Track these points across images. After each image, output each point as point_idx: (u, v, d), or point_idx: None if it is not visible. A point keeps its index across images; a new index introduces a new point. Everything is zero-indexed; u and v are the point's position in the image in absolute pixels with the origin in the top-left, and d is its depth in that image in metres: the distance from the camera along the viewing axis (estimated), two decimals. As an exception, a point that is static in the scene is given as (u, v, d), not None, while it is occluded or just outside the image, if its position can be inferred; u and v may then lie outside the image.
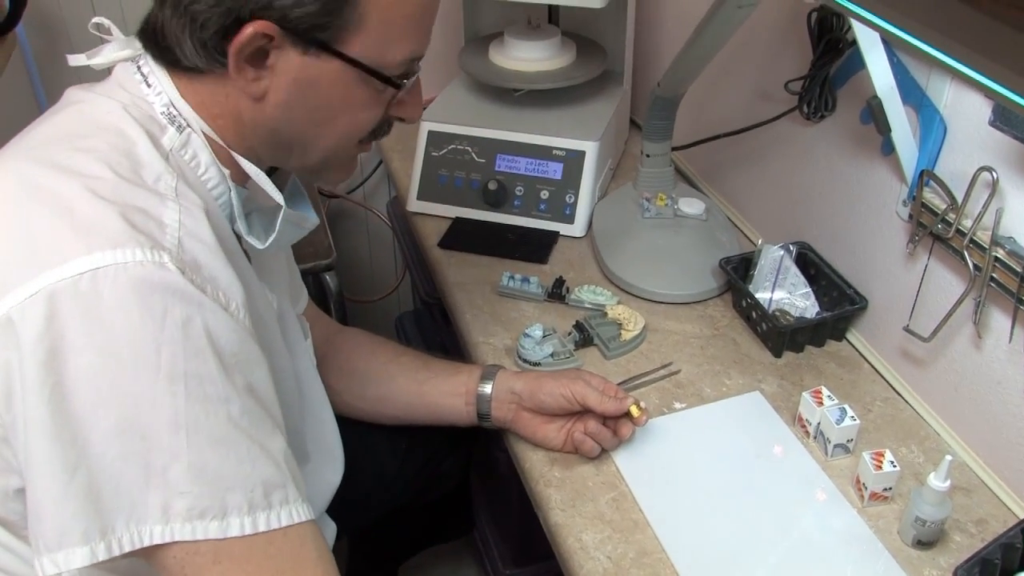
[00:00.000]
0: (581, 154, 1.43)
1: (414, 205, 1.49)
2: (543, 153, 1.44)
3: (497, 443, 1.16)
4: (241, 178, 0.81)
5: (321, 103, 0.77)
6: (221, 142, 0.78)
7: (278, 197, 0.80)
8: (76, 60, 0.80)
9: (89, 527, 0.63)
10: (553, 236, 1.42)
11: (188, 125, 0.76)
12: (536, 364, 1.15)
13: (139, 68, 0.77)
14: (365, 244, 2.05)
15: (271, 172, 0.85)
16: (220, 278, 0.69)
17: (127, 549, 0.64)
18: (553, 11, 1.63)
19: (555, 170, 1.43)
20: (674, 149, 1.42)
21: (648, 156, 1.39)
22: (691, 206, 1.37)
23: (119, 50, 0.78)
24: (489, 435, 1.16)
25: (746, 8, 1.02)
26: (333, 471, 1.03)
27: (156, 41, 0.75)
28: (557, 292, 1.28)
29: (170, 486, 0.64)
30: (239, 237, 0.80)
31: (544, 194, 1.43)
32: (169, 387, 0.63)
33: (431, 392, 1.09)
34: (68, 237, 0.64)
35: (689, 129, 1.50)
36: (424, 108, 1.56)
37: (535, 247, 1.39)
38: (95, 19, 0.79)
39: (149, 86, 0.76)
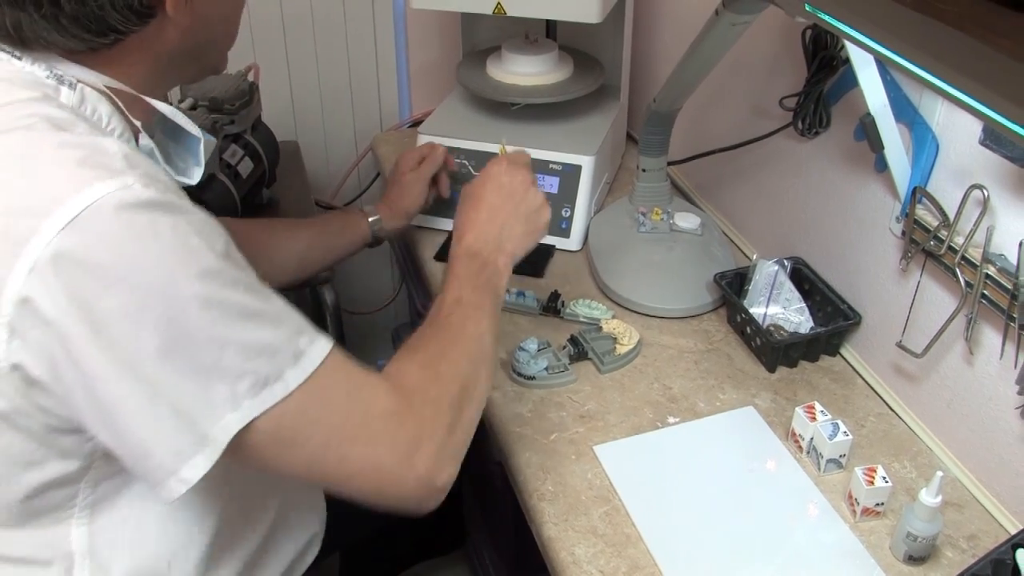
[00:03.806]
0: (577, 168, 1.43)
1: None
2: (539, 167, 1.44)
3: (491, 456, 1.17)
4: (146, 119, 0.80)
5: None
6: (130, 90, 0.77)
7: (196, 131, 0.81)
8: None
9: (194, 438, 0.67)
10: (549, 250, 1.43)
11: (80, 81, 0.74)
12: (531, 378, 1.15)
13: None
14: (362, 256, 2.04)
15: None
16: (168, 183, 0.70)
17: (223, 448, 0.67)
18: (551, 25, 1.64)
19: (551, 184, 1.44)
20: (670, 164, 1.42)
21: (644, 171, 1.40)
22: (687, 221, 1.37)
23: None
24: (482, 449, 1.17)
25: (740, 25, 1.03)
26: None
27: (23, 42, 0.72)
28: (552, 306, 1.28)
29: (228, 374, 0.67)
30: None
31: (540, 208, 1.44)
32: (189, 291, 0.65)
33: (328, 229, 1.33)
34: (31, 202, 0.64)
35: (685, 144, 1.51)
36: (421, 121, 1.58)
37: (531, 261, 1.38)
38: None
39: (20, 59, 0.73)
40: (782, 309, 1.23)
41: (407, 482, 0.77)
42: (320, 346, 0.73)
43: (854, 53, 1.00)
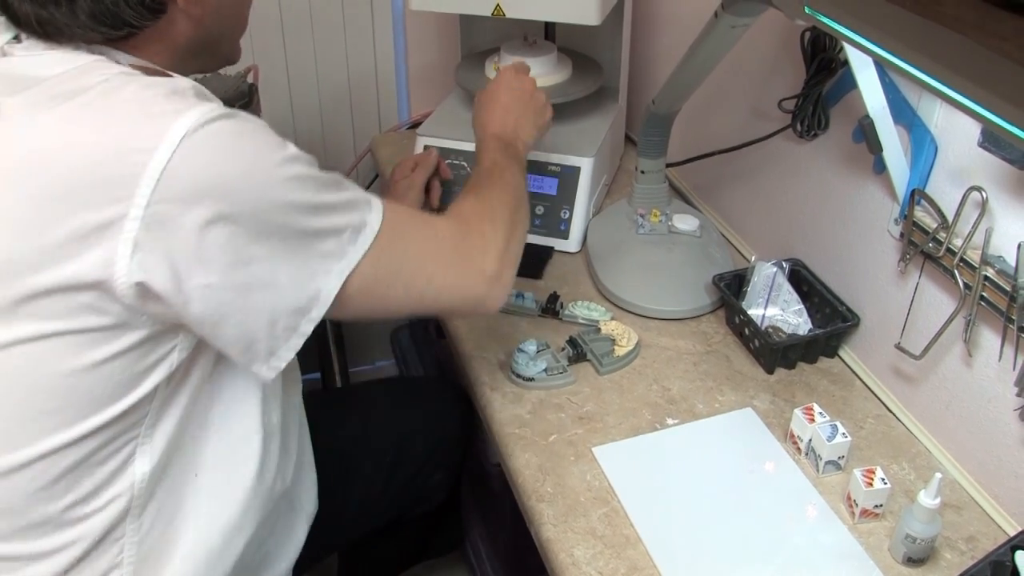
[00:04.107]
0: (576, 170, 1.43)
1: (410, 219, 1.49)
2: (538, 168, 1.45)
3: (490, 457, 1.17)
4: None
5: None
6: (156, 67, 0.82)
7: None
8: None
9: (311, 293, 0.78)
10: (548, 251, 1.43)
11: (117, 62, 0.79)
12: (530, 379, 1.15)
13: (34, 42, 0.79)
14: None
15: None
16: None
17: (332, 296, 0.78)
18: (549, 27, 1.64)
19: (550, 185, 1.44)
20: (669, 165, 1.42)
21: (643, 172, 1.40)
22: (685, 222, 1.38)
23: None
24: (480, 449, 1.17)
25: (739, 28, 1.03)
26: None
27: (47, 34, 0.77)
28: (551, 307, 1.28)
29: (332, 232, 0.78)
30: None
31: (539, 209, 1.44)
32: (286, 173, 0.75)
33: None
34: (140, 131, 0.71)
35: (684, 145, 1.51)
36: (420, 123, 1.58)
37: (530, 262, 1.39)
38: None
39: (61, 45, 0.78)
40: (780, 311, 1.23)
41: (481, 284, 0.92)
42: (377, 199, 0.84)
43: (853, 55, 1.00)
